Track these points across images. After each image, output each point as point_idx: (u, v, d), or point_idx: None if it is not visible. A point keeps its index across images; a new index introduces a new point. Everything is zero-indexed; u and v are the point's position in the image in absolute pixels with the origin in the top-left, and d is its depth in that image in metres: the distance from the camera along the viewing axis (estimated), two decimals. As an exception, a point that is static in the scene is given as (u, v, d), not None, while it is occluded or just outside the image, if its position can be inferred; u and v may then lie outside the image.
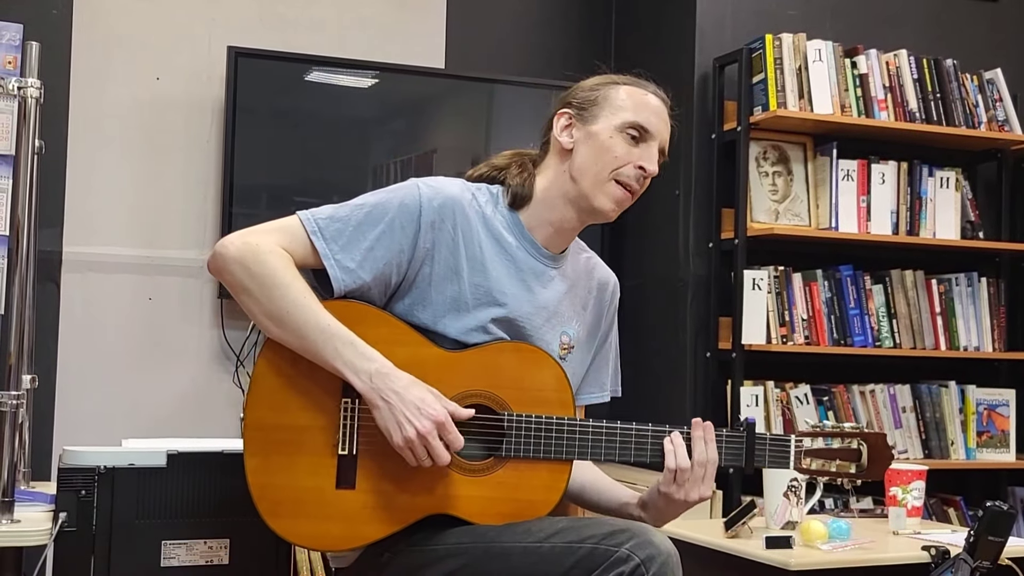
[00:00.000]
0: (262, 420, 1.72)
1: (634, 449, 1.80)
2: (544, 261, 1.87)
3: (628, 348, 3.94)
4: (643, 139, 1.84)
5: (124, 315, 3.52)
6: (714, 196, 3.61)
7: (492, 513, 1.74)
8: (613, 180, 1.82)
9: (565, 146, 1.86)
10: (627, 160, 1.82)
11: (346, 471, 1.71)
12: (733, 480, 3.35)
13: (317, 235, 1.74)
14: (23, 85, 2.07)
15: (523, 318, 1.83)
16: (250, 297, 1.71)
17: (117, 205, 3.53)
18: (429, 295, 1.78)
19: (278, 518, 1.71)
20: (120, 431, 2.61)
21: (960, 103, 3.73)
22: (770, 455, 1.85)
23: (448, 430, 1.66)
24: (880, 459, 1.87)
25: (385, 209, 1.76)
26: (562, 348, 1.89)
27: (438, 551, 1.72)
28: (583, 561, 1.62)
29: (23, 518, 1.97)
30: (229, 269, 1.72)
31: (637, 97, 1.87)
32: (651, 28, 3.93)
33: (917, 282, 3.72)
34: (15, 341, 2.02)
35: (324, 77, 3.63)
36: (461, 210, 1.80)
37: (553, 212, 1.86)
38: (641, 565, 1.59)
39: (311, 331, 1.68)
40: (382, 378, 1.66)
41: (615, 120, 1.84)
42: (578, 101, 1.88)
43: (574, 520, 1.76)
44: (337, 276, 1.73)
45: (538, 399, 1.77)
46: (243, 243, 1.72)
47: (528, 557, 1.66)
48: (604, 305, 1.99)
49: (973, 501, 3.73)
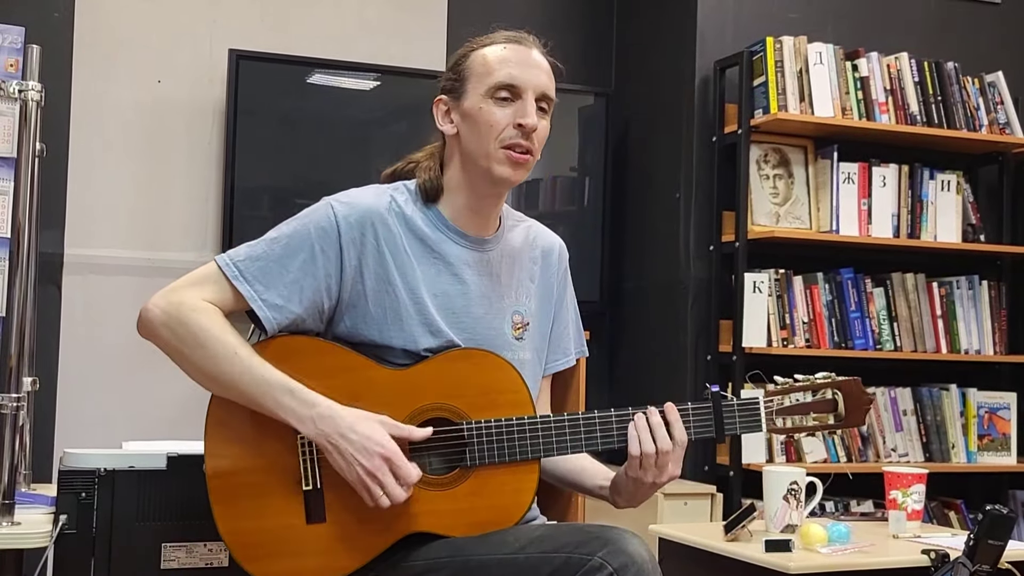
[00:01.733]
0: (222, 467, 1.71)
1: (600, 437, 1.76)
2: (474, 247, 1.84)
3: (629, 350, 3.97)
4: (515, 95, 1.78)
5: (125, 317, 3.48)
6: (715, 199, 3.61)
7: (466, 524, 1.72)
8: (501, 148, 1.78)
9: (449, 133, 1.83)
10: (505, 123, 1.77)
11: (314, 505, 1.69)
12: (733, 483, 3.35)
13: (239, 279, 1.71)
14: (24, 88, 2.07)
15: (464, 311, 1.80)
16: (183, 359, 1.71)
17: (118, 207, 3.53)
18: (368, 310, 1.75)
19: (255, 562, 1.69)
20: (120, 433, 2.61)
21: (961, 106, 3.73)
22: (740, 421, 1.78)
23: (397, 465, 1.64)
24: (857, 405, 1.82)
25: (302, 237, 1.74)
26: (516, 328, 1.86)
27: (417, 567, 1.70)
28: (559, 570, 1.60)
29: (23, 520, 1.97)
30: (157, 334, 1.72)
31: (496, 54, 1.81)
32: (652, 31, 3.93)
33: (918, 285, 3.72)
34: (16, 343, 2.02)
35: (325, 79, 3.63)
36: (380, 219, 1.77)
37: (466, 197, 1.83)
38: (615, 573, 1.56)
39: (248, 386, 1.67)
40: (325, 422, 1.65)
41: (481, 88, 1.78)
42: (447, 84, 1.85)
43: (551, 528, 1.74)
44: (267, 316, 1.71)
45: (495, 403, 1.74)
46: (167, 303, 1.71)
47: (506, 568, 1.64)
48: (552, 270, 1.95)
49: (974, 504, 3.73)
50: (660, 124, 3.84)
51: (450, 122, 1.83)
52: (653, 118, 3.88)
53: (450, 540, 1.71)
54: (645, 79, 3.94)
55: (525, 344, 1.86)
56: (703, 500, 3.32)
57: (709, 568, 2.35)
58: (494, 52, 1.81)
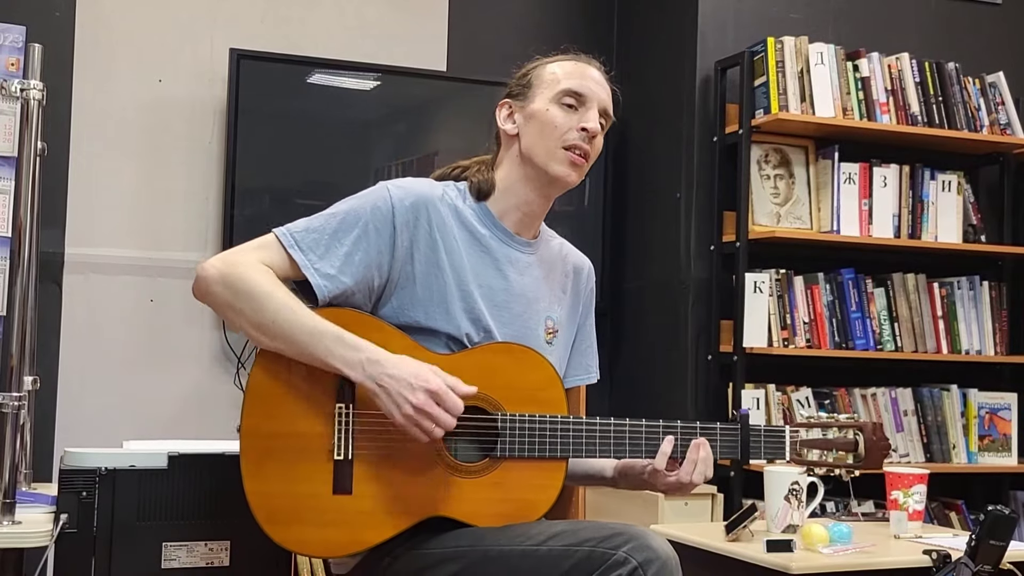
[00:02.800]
0: (257, 428, 1.73)
1: (629, 446, 1.81)
2: (518, 248, 1.90)
3: (630, 350, 3.97)
4: (580, 103, 1.88)
5: (126, 317, 3.53)
6: (716, 199, 3.61)
7: (490, 514, 1.74)
8: (562, 148, 1.86)
9: (511, 133, 1.90)
10: (568, 126, 1.86)
11: (342, 476, 1.71)
12: (734, 484, 3.35)
13: (294, 248, 1.76)
14: (25, 87, 2.07)
15: (506, 305, 1.85)
16: (236, 312, 1.74)
17: (119, 207, 3.53)
18: (415, 292, 1.79)
19: (276, 525, 1.71)
20: (121, 433, 2.61)
21: (962, 106, 3.73)
22: (766, 447, 1.87)
23: (444, 398, 1.67)
24: (876, 449, 1.88)
25: (358, 215, 1.79)
26: (548, 333, 1.91)
27: (436, 555, 1.72)
28: (581, 564, 1.62)
29: (24, 519, 1.97)
30: (212, 291, 1.75)
31: (566, 68, 1.91)
32: (653, 31, 3.93)
33: (919, 285, 3.72)
34: (17, 342, 2.02)
35: (326, 79, 3.63)
36: (434, 206, 1.83)
37: (517, 197, 1.89)
38: (639, 568, 1.58)
39: (299, 334, 1.70)
40: (374, 365, 1.68)
41: (549, 94, 1.88)
42: (514, 89, 1.94)
43: (572, 523, 1.77)
44: (319, 284, 1.75)
45: (531, 398, 1.78)
46: (223, 263, 1.75)
47: (526, 560, 1.66)
48: (581, 289, 2.02)
49: (975, 505, 3.73)
50: (661, 124, 3.84)
51: (513, 123, 1.91)
52: (654, 118, 3.88)
53: (471, 530, 1.73)
54: (646, 79, 3.94)
55: (554, 350, 1.91)
56: (704, 500, 3.32)
57: (710, 568, 2.35)
58: (563, 66, 1.92)
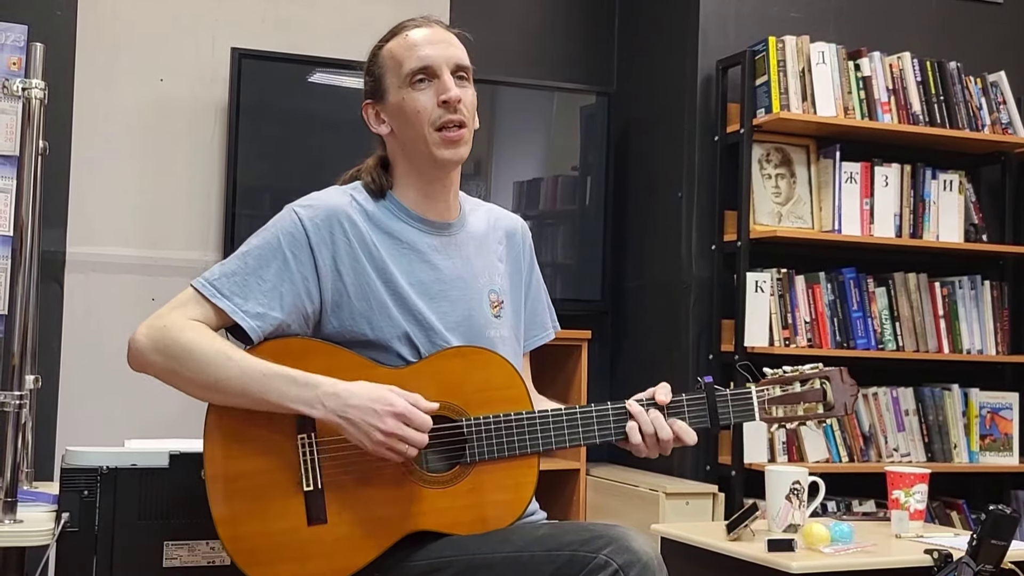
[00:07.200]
0: (222, 471, 1.70)
1: (597, 429, 1.78)
2: (439, 233, 1.87)
3: (631, 349, 3.96)
4: (429, 75, 1.82)
5: (127, 316, 3.50)
6: (717, 198, 3.61)
7: (468, 521, 1.72)
8: (435, 131, 1.81)
9: (385, 133, 1.88)
10: (430, 106, 1.81)
11: (315, 507, 1.69)
12: (735, 483, 3.35)
13: (217, 296, 1.73)
14: (27, 86, 2.07)
15: (442, 295, 1.82)
16: (178, 378, 1.71)
17: (120, 206, 3.53)
18: (353, 306, 1.77)
19: (258, 567, 1.69)
20: (123, 431, 2.61)
21: (964, 106, 3.73)
22: (735, 410, 1.82)
23: (412, 418, 1.65)
24: (844, 393, 1.87)
25: (273, 246, 1.76)
26: (493, 307, 1.89)
27: (422, 566, 1.70)
28: (563, 568, 1.61)
29: (26, 518, 1.97)
30: (149, 360, 1.72)
31: (399, 46, 1.85)
32: (654, 31, 3.93)
33: (920, 285, 3.71)
34: (18, 341, 2.02)
35: (327, 78, 3.63)
36: (345, 215, 1.80)
37: (417, 186, 1.86)
38: (620, 571, 1.57)
39: (249, 385, 1.67)
40: (332, 398, 1.66)
41: (398, 81, 1.83)
42: (368, 87, 1.90)
43: (555, 527, 1.74)
44: (251, 325, 1.72)
45: (492, 399, 1.76)
46: (150, 329, 1.71)
47: (510, 567, 1.65)
48: (518, 250, 1.99)
49: (976, 504, 3.73)
50: (662, 123, 3.84)
51: (382, 123, 1.88)
52: (655, 117, 3.88)
53: (453, 539, 1.72)
54: (647, 78, 3.94)
55: (503, 321, 1.89)
56: (705, 500, 3.32)
57: (711, 568, 2.35)
58: (398, 43, 1.85)
